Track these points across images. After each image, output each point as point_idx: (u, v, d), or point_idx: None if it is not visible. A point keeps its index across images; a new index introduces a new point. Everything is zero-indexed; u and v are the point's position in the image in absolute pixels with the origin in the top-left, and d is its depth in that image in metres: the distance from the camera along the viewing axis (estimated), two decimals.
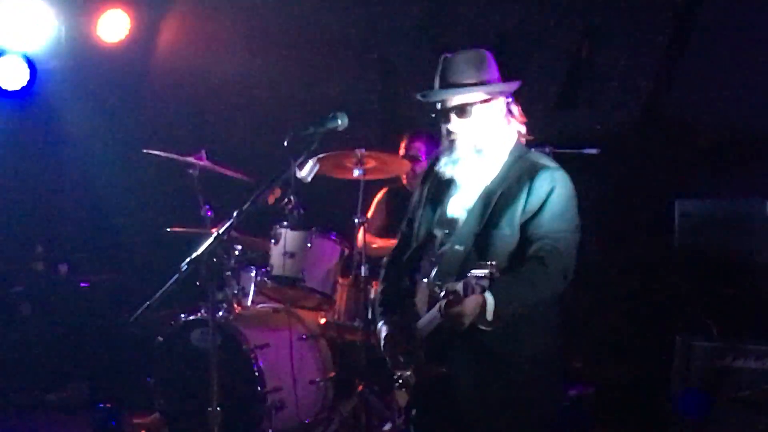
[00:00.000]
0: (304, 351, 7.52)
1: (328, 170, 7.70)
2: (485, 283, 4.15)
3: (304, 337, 7.53)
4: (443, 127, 4.77)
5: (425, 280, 4.67)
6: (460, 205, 4.72)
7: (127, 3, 9.08)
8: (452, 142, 4.73)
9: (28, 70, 8.81)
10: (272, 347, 7.30)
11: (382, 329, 4.84)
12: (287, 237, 7.46)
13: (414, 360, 4.63)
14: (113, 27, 9.04)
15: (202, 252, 5.22)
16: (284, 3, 8.84)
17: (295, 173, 5.52)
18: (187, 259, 5.23)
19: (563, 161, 4.75)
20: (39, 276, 9.00)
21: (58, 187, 9.41)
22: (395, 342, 4.73)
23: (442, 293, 4.29)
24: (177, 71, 9.14)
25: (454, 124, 4.68)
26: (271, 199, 6.01)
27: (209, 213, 7.66)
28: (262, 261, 7.64)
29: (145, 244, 8.64)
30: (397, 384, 4.71)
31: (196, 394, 7.14)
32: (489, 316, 4.31)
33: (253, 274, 7.70)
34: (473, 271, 4.18)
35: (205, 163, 7.52)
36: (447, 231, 4.71)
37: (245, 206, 5.07)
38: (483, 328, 4.35)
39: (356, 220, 7.37)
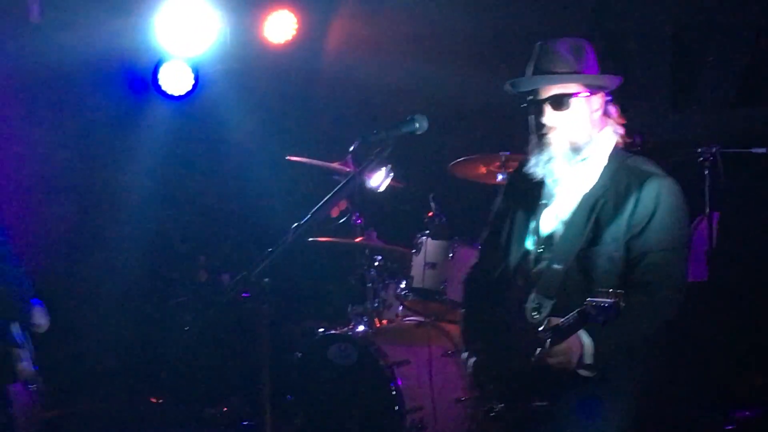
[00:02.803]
0: (449, 368, 7.44)
1: (468, 175, 7.72)
2: (611, 314, 3.96)
3: (449, 352, 7.50)
4: (533, 122, 4.56)
5: (522, 304, 4.47)
6: (555, 216, 4.53)
7: (294, 3, 9.31)
8: (543, 138, 4.52)
9: (192, 75, 9.21)
10: (413, 364, 7.29)
11: (470, 359, 4.70)
12: (428, 247, 7.46)
13: (510, 392, 4.48)
14: (280, 28, 9.31)
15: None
16: (453, 4, 8.87)
17: (363, 183, 5.52)
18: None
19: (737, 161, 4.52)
20: (201, 286, 9.36)
21: (221, 194, 9.75)
22: (486, 372, 4.60)
23: (542, 327, 4.20)
24: (344, 73, 9.28)
25: (549, 117, 4.48)
26: (335, 212, 5.98)
27: (359, 221, 7.78)
28: (404, 272, 7.70)
29: (301, 254, 8.84)
30: (490, 416, 4.57)
31: (334, 413, 7.35)
32: (588, 359, 4.19)
33: (394, 286, 7.74)
34: (592, 299, 4.00)
35: (352, 170, 7.64)
36: (543, 246, 4.51)
37: (304, 221, 4.91)
38: (584, 373, 4.22)
39: None
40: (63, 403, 7.96)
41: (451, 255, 7.41)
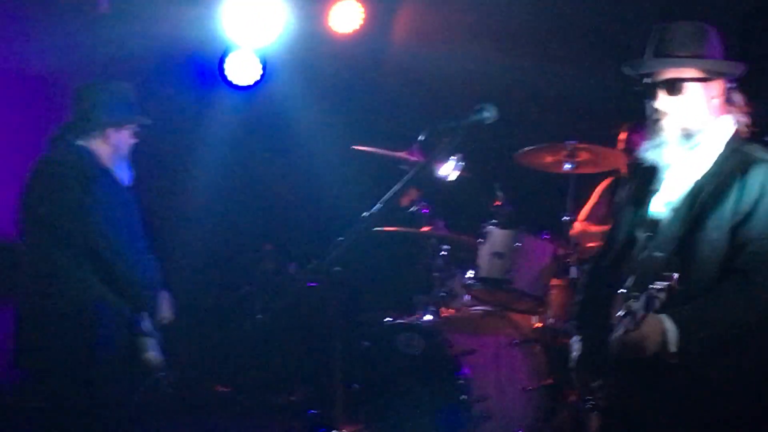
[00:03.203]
0: (515, 357, 7.47)
1: (535, 164, 7.75)
2: (661, 298, 3.92)
3: (515, 342, 7.52)
4: (649, 106, 4.48)
5: (622, 290, 4.35)
6: (664, 203, 4.45)
7: None
8: (657, 123, 4.44)
9: (259, 65, 9.31)
10: (479, 353, 7.32)
11: (575, 345, 4.68)
12: (495, 236, 7.48)
13: (605, 382, 4.44)
14: (346, 17, 9.40)
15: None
16: None
17: (433, 172, 5.56)
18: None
19: None
20: (268, 276, 9.46)
21: (287, 184, 9.83)
22: (586, 360, 4.58)
23: (621, 313, 4.12)
24: (411, 62, 9.33)
25: (662, 101, 4.40)
26: (405, 201, 6.00)
27: (425, 211, 7.83)
28: (470, 261, 7.73)
29: (369, 244, 8.88)
30: (588, 406, 4.56)
31: (400, 402, 7.41)
32: (672, 347, 4.10)
33: (461, 275, 7.75)
34: (654, 284, 3.95)
35: (419, 159, 7.69)
36: (649, 233, 4.43)
37: (373, 209, 4.97)
38: (671, 361, 4.12)
39: (565, 218, 7.38)
40: None
41: (517, 244, 7.43)
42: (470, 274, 7.60)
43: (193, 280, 9.25)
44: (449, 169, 6.17)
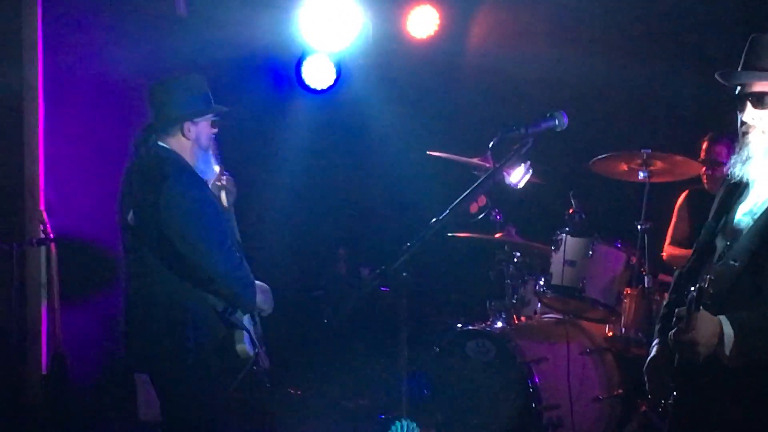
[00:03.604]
0: (587, 366, 7.52)
1: (609, 172, 7.75)
2: (700, 298, 3.92)
3: (588, 351, 7.54)
4: (738, 119, 4.43)
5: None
6: (747, 212, 4.40)
7: None
8: (744, 135, 4.40)
9: (335, 69, 9.40)
10: (550, 361, 7.38)
11: (652, 349, 4.63)
12: (568, 244, 7.53)
13: (675, 386, 4.41)
14: (422, 22, 9.44)
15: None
16: None
17: (503, 179, 5.58)
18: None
19: None
20: (341, 279, 9.53)
21: (362, 188, 9.88)
22: (657, 365, 4.54)
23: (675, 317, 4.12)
24: (486, 67, 9.34)
25: (749, 114, 4.35)
26: (473, 208, 6.00)
27: (498, 217, 7.87)
28: (542, 269, 7.76)
29: (440, 249, 8.92)
30: (659, 410, 4.56)
31: (471, 408, 7.46)
32: (727, 350, 4.07)
33: (533, 282, 7.81)
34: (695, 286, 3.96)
35: (491, 165, 7.71)
36: (729, 242, 4.38)
37: (442, 216, 5.00)
38: (730, 365, 4.09)
39: (639, 227, 7.37)
40: None
41: (590, 253, 7.47)
42: (542, 281, 7.66)
43: (267, 283, 9.34)
44: (519, 176, 6.17)
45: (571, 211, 7.58)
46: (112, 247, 6.19)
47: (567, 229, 7.56)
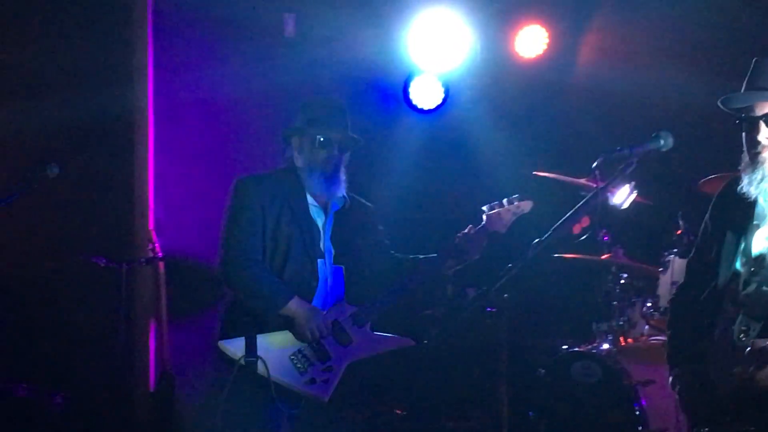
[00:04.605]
0: None
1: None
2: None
3: None
4: (746, 139, 4.57)
5: (729, 326, 4.42)
6: (766, 238, 4.48)
7: (545, 18, 9.48)
8: (757, 156, 4.50)
9: (442, 89, 9.49)
10: (658, 384, 7.32)
11: (676, 381, 4.73)
12: (676, 265, 7.48)
13: (716, 416, 4.46)
14: (531, 42, 9.48)
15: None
16: (710, 15, 8.81)
17: (607, 200, 5.59)
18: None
19: None
20: (448, 300, 9.52)
21: (468, 206, 9.85)
22: (693, 396, 4.61)
23: (748, 349, 4.20)
24: (595, 87, 9.32)
25: (763, 134, 4.47)
26: (576, 229, 6.01)
27: (606, 238, 7.87)
28: (650, 290, 7.73)
29: (545, 270, 8.92)
30: None
31: (576, 430, 7.45)
32: None
33: (640, 304, 7.78)
34: None
35: (599, 185, 7.71)
36: (752, 268, 4.44)
37: (544, 237, 5.05)
38: None
39: None
40: None
41: None
42: (649, 303, 7.62)
43: (370, 300, 9.40)
44: (623, 197, 6.16)
45: (679, 232, 7.54)
46: None
47: (675, 250, 7.53)
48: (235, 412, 5.81)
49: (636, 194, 6.29)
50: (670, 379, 4.78)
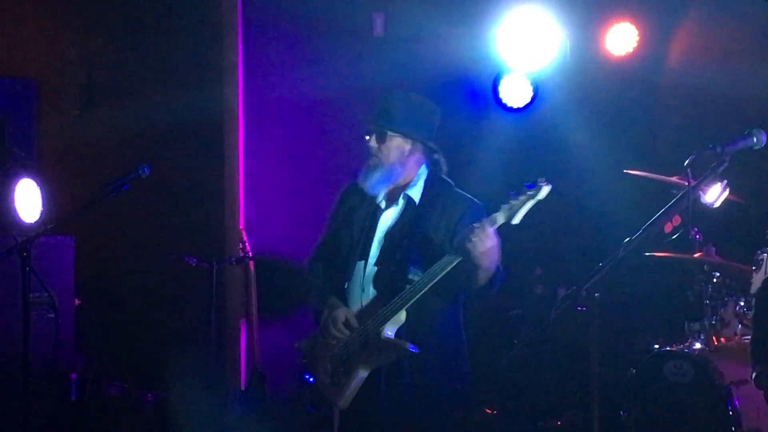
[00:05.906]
0: None
1: None
2: None
3: None
4: None
5: None
6: None
7: (635, 15, 9.45)
8: None
9: (531, 88, 9.55)
10: (751, 384, 7.30)
11: (759, 379, 4.84)
12: None
13: None
14: (621, 40, 9.47)
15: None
16: None
17: (698, 198, 5.60)
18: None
19: None
20: (538, 299, 9.60)
21: (558, 206, 9.88)
22: None
23: None
24: (687, 84, 9.30)
25: None
26: (668, 227, 6.00)
27: (698, 236, 7.87)
28: (743, 289, 7.70)
29: (636, 269, 8.93)
30: None
31: (668, 430, 7.46)
32: None
33: (733, 303, 7.75)
34: None
35: (690, 184, 7.71)
36: None
37: (635, 236, 5.10)
38: None
39: None
40: None
41: None
42: (743, 302, 7.61)
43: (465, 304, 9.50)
44: (715, 195, 6.15)
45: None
46: None
47: None
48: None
49: (728, 192, 6.28)
50: (753, 375, 4.75)
